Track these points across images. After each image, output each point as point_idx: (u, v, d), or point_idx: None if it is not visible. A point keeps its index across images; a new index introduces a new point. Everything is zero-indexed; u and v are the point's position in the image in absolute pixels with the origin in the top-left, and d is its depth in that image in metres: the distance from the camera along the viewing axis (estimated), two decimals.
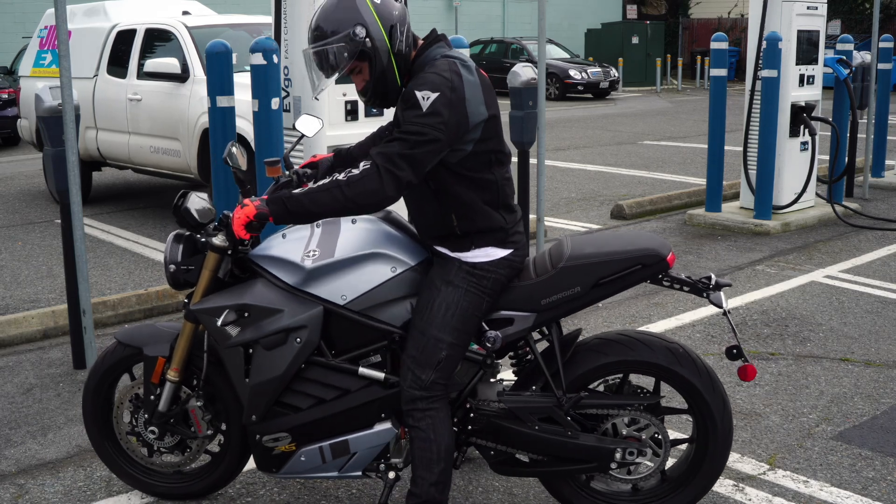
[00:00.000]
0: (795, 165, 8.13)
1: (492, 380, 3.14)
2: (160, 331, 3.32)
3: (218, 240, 3.02)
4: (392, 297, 2.97)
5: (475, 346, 3.02)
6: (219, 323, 2.98)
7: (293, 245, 3.03)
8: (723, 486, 3.53)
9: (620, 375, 3.09)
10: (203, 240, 3.11)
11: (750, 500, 3.46)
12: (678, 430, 3.93)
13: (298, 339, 2.96)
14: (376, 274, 2.96)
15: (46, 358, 5.12)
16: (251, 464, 3.60)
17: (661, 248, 2.93)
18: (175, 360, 3.21)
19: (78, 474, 3.75)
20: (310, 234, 3.06)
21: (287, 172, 3.28)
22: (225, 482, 3.42)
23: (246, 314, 2.99)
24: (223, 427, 3.32)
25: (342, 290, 2.96)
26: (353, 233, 3.03)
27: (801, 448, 3.88)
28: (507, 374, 4.17)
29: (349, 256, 2.96)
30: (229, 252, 3.05)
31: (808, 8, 7.98)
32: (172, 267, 3.13)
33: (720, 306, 2.90)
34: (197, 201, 3.11)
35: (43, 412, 4.37)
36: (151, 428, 3.30)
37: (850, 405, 4.31)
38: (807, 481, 3.60)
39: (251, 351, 3.03)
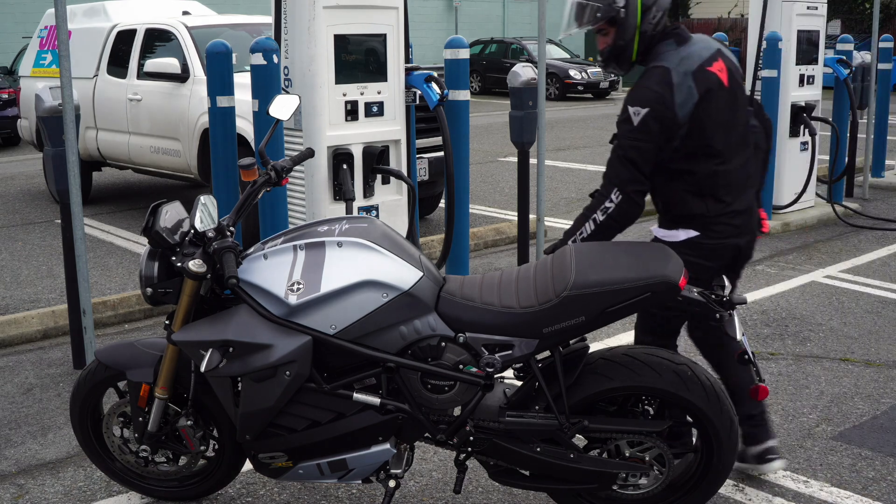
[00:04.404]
0: (795, 165, 8.13)
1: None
2: (142, 352, 3.19)
3: (195, 265, 2.82)
4: (385, 325, 2.83)
5: (473, 369, 2.88)
6: (203, 368, 2.81)
7: (276, 273, 2.86)
8: (723, 486, 3.52)
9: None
10: (179, 264, 2.90)
11: (750, 500, 3.46)
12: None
13: (288, 373, 2.83)
14: (367, 302, 2.81)
15: (46, 358, 5.12)
16: (251, 464, 3.60)
17: (673, 272, 2.75)
18: (161, 380, 3.12)
19: (78, 474, 3.75)
20: (293, 258, 2.89)
21: (264, 170, 3.10)
22: (223, 483, 3.41)
23: (231, 349, 2.84)
24: (215, 433, 3.29)
25: (331, 320, 2.81)
26: (340, 261, 2.85)
27: (801, 448, 3.88)
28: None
29: (336, 289, 2.80)
30: (208, 276, 2.90)
31: (808, 8, 7.98)
32: (150, 290, 2.97)
33: (734, 337, 2.77)
34: (168, 218, 2.94)
35: (43, 412, 4.37)
36: (143, 447, 3.25)
37: (850, 405, 4.31)
38: (807, 481, 3.60)
39: (239, 379, 2.94)
